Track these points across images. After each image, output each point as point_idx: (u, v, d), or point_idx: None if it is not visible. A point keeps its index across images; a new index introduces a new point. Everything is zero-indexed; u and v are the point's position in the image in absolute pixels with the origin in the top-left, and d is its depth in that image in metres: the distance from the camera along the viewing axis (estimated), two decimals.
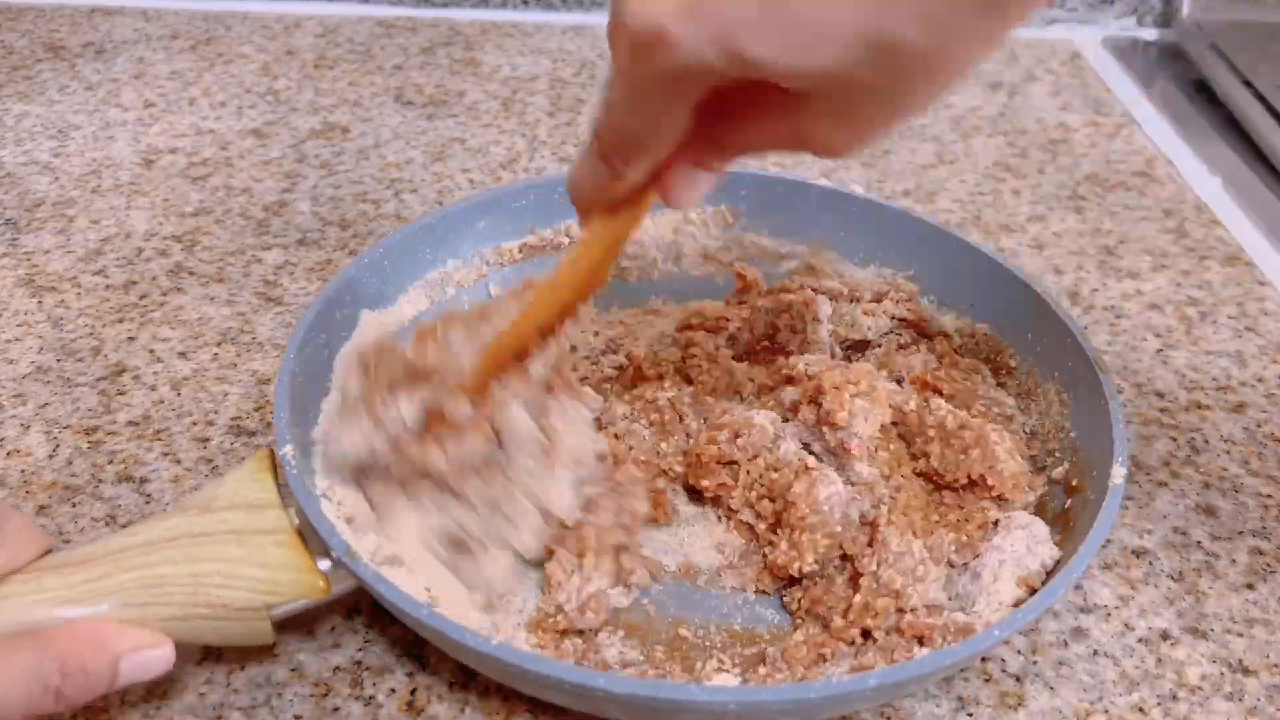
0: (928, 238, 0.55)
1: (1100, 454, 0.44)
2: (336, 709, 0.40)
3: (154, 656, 0.37)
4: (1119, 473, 0.42)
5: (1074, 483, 0.46)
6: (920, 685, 0.41)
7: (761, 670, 0.41)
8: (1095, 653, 0.43)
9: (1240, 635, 0.44)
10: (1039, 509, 0.46)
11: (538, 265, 0.57)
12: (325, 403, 0.47)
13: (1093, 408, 0.46)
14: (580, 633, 0.42)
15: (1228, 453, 0.53)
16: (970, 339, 0.54)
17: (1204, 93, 0.87)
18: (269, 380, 0.55)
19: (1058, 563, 0.42)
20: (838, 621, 0.42)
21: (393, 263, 0.53)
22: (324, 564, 0.39)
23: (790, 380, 0.49)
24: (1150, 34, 0.98)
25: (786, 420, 0.48)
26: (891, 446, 0.47)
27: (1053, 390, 0.49)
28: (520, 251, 0.57)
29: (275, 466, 0.41)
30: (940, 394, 0.50)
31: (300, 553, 0.39)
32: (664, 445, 0.49)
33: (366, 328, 0.51)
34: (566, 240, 0.58)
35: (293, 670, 0.41)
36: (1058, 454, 0.48)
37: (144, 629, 0.37)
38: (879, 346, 0.55)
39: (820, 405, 0.46)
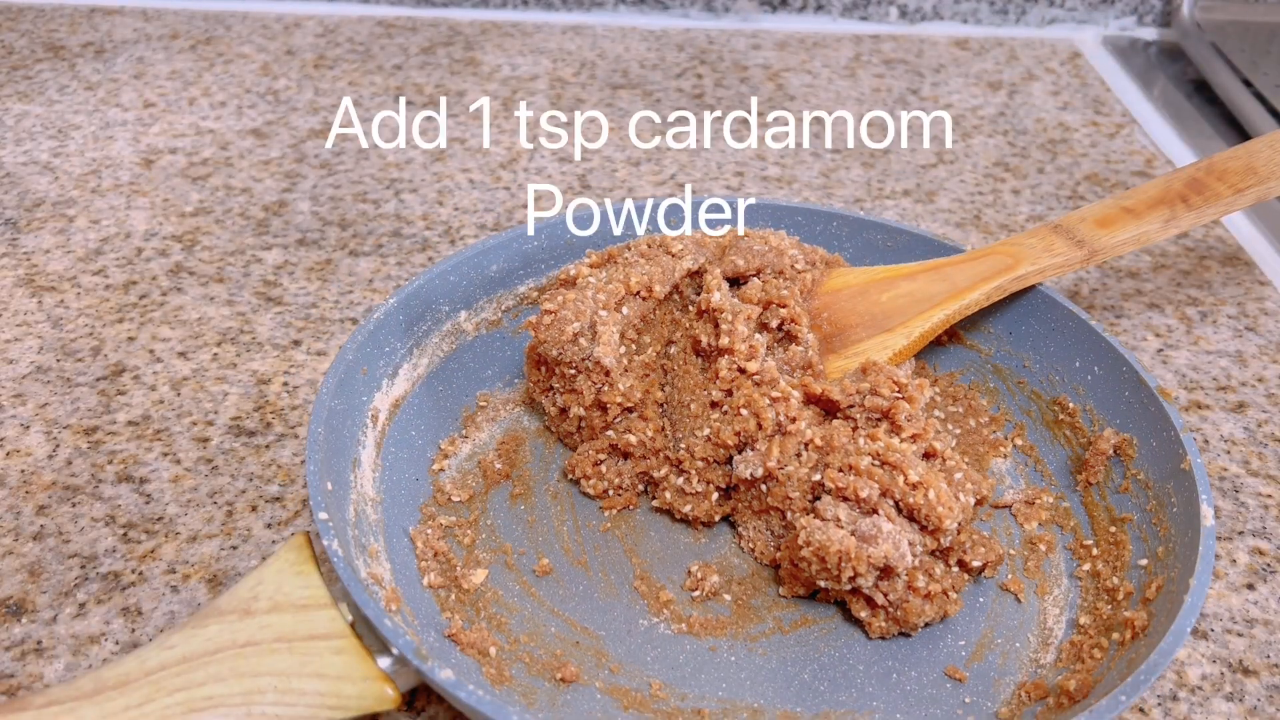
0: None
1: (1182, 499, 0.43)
2: None
3: None
4: (1207, 513, 0.41)
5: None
6: None
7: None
8: None
9: (1240, 635, 0.44)
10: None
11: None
12: (355, 473, 0.44)
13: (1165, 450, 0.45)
14: None
15: (1228, 453, 0.53)
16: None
17: (1204, 92, 0.87)
18: (269, 380, 0.55)
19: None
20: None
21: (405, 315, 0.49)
22: (384, 661, 0.36)
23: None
24: (1150, 34, 0.98)
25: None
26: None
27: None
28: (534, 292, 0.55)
29: (314, 553, 0.39)
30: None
31: (362, 657, 0.36)
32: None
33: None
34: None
35: None
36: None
37: None
38: None
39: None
